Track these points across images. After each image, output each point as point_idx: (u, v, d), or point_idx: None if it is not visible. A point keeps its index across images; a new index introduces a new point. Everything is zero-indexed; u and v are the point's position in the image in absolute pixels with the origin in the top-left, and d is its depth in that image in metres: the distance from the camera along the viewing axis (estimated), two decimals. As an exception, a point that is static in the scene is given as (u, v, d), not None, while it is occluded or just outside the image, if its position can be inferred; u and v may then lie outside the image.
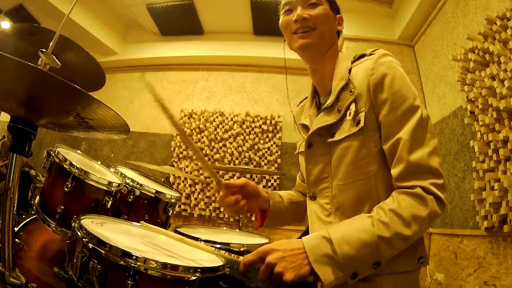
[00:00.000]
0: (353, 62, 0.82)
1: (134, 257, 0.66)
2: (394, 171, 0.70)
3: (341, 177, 0.77)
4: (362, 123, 0.73)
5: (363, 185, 0.74)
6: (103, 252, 0.67)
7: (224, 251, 0.76)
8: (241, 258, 0.68)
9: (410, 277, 0.73)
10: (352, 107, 0.75)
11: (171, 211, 1.57)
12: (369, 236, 0.63)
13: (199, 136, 3.43)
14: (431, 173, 0.68)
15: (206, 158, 3.02)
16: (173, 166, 2.22)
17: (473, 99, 1.74)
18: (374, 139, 0.74)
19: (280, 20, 0.86)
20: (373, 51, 0.78)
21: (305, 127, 0.88)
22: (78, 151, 1.46)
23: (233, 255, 0.73)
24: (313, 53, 0.83)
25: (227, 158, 3.32)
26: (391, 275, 0.69)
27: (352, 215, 0.71)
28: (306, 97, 0.97)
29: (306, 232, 0.85)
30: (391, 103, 0.71)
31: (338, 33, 0.90)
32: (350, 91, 0.76)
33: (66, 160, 1.16)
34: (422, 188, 0.66)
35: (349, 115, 0.76)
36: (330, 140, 0.78)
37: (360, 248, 0.63)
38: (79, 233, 0.73)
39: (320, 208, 0.80)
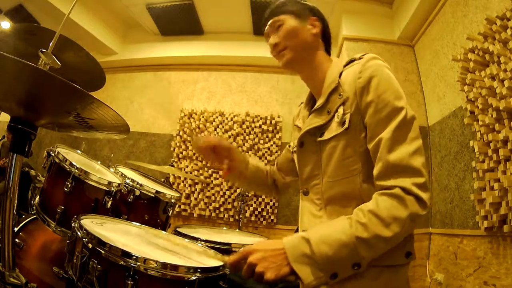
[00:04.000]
0: (344, 66, 0.84)
1: (134, 257, 0.66)
2: (375, 171, 0.72)
3: (330, 174, 0.80)
4: (346, 124, 0.76)
5: (349, 183, 0.77)
6: (103, 252, 0.67)
7: (212, 251, 0.78)
8: (226, 258, 0.70)
9: (396, 272, 0.73)
10: (340, 110, 0.79)
11: (171, 211, 1.57)
12: (347, 237, 0.65)
13: (199, 136, 3.43)
14: (411, 173, 0.68)
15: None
16: (173, 166, 2.22)
17: (473, 99, 1.74)
18: (360, 139, 0.76)
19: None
20: (362, 55, 0.80)
21: (299, 128, 0.93)
22: (78, 151, 1.46)
23: (219, 254, 0.76)
24: (297, 66, 0.89)
25: (227, 158, 3.31)
26: (374, 268, 0.70)
27: (340, 212, 0.75)
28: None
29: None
30: (376, 105, 0.73)
31: (325, 37, 0.91)
32: (340, 95, 0.80)
33: (66, 160, 1.16)
34: (402, 188, 0.67)
35: (337, 117, 0.79)
36: (319, 139, 0.82)
37: (337, 249, 0.65)
38: (79, 233, 0.73)
39: (312, 203, 0.84)
